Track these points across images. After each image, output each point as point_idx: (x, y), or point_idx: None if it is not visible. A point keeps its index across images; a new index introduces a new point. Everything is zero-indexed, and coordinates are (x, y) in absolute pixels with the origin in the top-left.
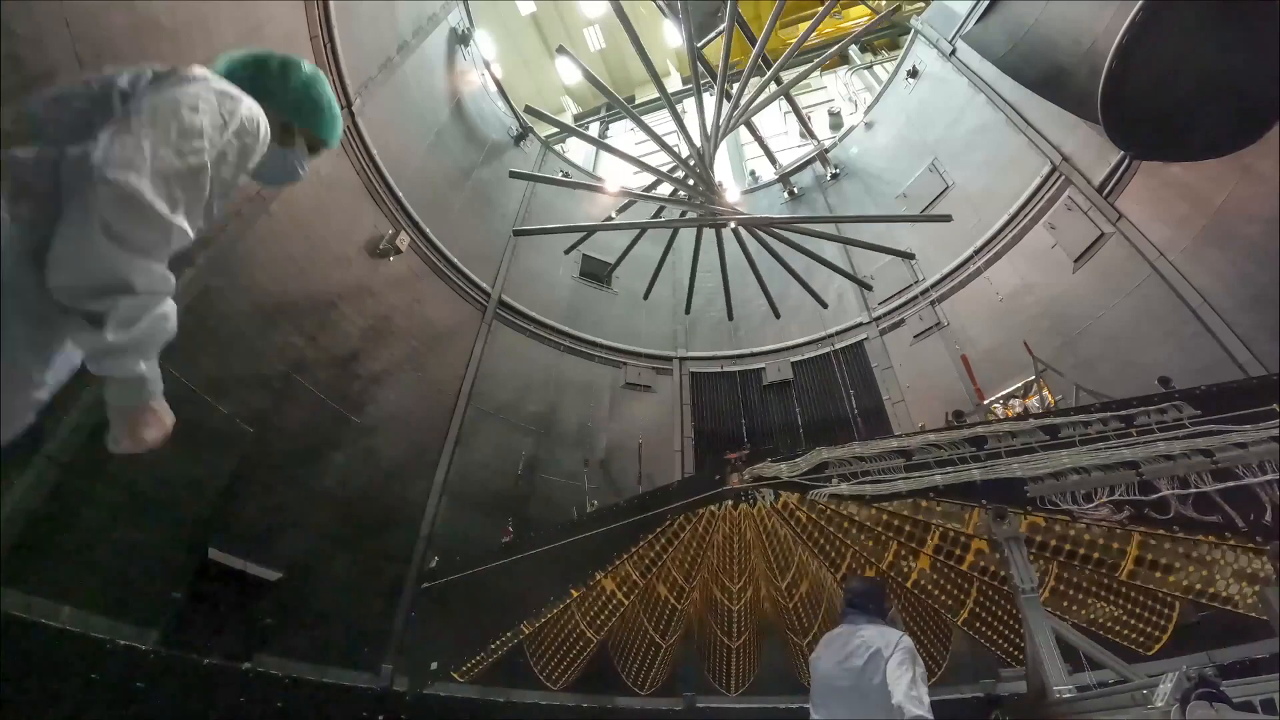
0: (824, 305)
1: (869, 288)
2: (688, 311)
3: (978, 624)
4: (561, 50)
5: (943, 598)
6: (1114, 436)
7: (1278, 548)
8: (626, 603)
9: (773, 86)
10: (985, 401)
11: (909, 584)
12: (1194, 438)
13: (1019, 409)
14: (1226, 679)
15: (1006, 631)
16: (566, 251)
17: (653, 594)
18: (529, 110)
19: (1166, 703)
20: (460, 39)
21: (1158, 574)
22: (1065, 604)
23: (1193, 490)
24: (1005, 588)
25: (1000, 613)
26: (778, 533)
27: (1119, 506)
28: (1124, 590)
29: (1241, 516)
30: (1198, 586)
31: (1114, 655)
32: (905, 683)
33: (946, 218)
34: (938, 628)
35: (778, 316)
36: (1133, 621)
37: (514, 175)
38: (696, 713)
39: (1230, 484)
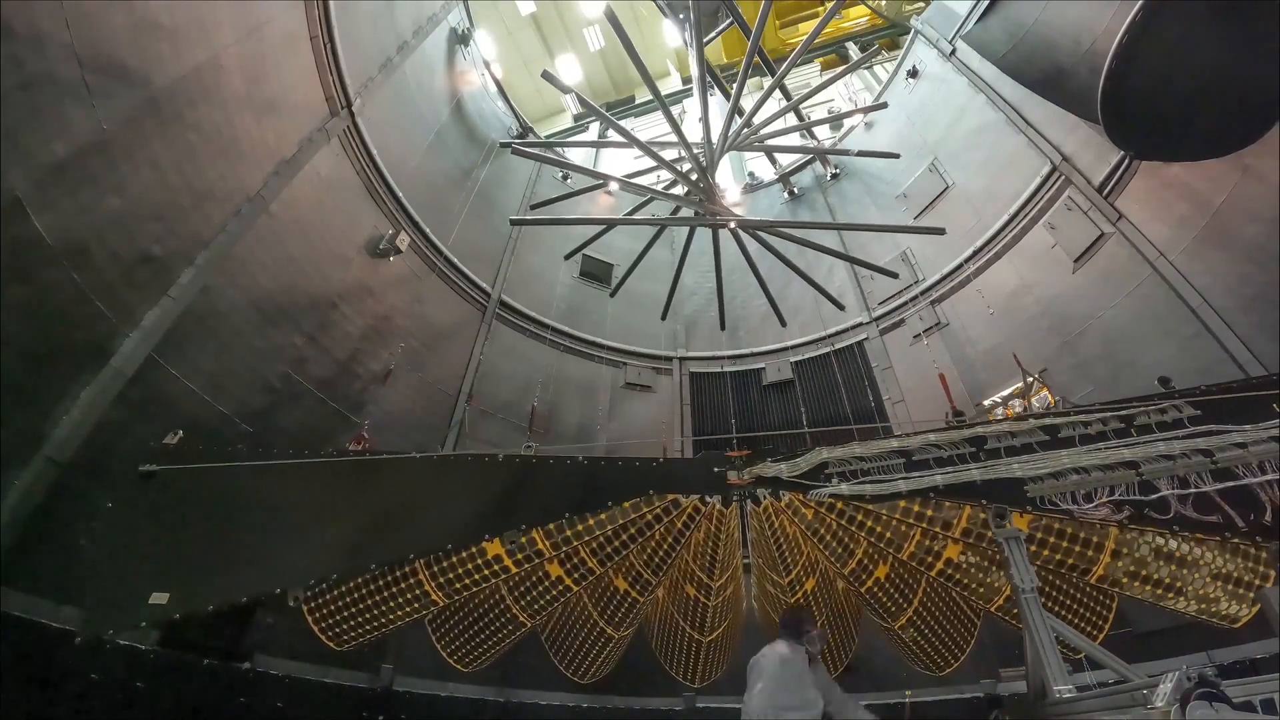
0: (840, 308)
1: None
2: (663, 318)
3: (911, 630)
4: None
5: (888, 603)
6: (1114, 436)
7: (1278, 548)
8: (642, 600)
9: (781, 102)
10: (985, 402)
11: (863, 589)
12: (1194, 438)
13: (1019, 409)
14: (1226, 679)
15: (932, 639)
16: (567, 258)
17: (680, 592)
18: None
19: (1166, 703)
20: (460, 39)
21: (1134, 582)
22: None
23: (1193, 490)
24: (957, 592)
25: (941, 616)
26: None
27: (1119, 506)
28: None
29: (1241, 516)
30: (1169, 594)
31: (1114, 655)
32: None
33: (939, 230)
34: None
35: (783, 324)
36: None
37: (516, 151)
38: (696, 713)
39: (1230, 484)
